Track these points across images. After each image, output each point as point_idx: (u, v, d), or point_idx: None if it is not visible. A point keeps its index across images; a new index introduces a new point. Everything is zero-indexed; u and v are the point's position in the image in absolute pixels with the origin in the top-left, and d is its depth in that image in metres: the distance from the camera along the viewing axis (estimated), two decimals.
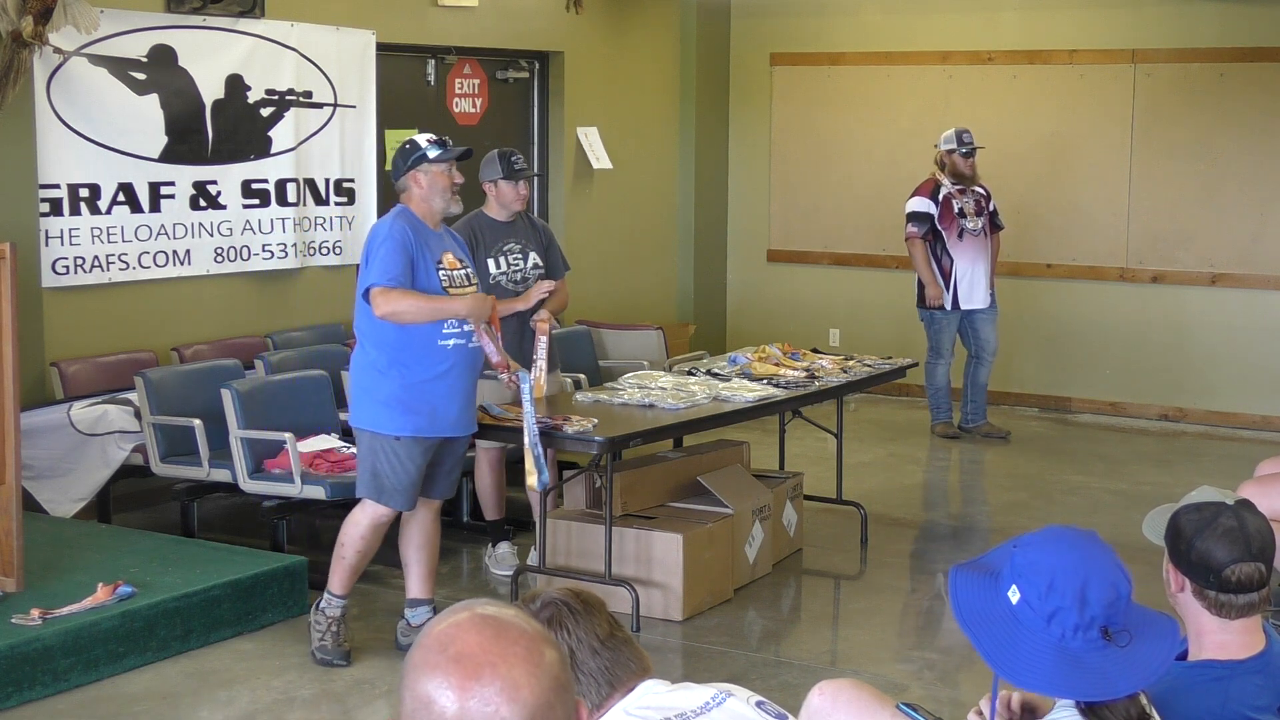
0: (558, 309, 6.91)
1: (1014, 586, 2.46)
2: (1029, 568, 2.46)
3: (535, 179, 6.67)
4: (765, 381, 7.05)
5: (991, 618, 2.46)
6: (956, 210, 9.40)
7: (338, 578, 5.76)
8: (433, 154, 5.66)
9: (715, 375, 7.19)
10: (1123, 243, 10.40)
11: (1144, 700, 2.46)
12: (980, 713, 2.67)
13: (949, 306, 9.49)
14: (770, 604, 6.58)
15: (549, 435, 6.10)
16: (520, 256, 6.80)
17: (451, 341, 5.58)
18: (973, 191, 9.51)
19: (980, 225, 9.46)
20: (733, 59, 11.72)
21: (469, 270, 5.79)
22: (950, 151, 9.45)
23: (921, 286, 9.54)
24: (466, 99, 9.88)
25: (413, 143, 5.73)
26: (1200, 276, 10.27)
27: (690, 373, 7.26)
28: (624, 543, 6.28)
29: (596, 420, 6.21)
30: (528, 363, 6.54)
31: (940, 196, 9.42)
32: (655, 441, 6.67)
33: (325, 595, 5.78)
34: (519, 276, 6.80)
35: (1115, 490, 8.48)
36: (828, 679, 3.07)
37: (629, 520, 6.38)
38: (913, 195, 9.54)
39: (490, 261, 6.73)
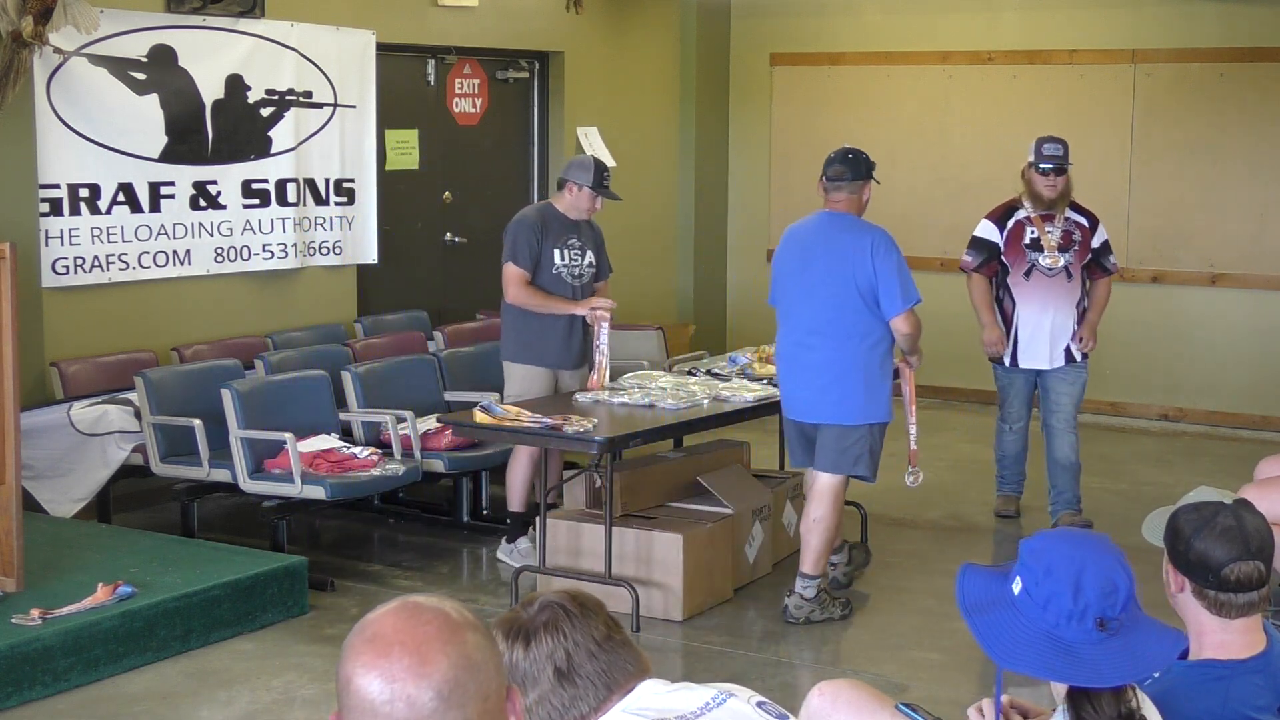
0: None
1: (1017, 578, 2.49)
2: (1030, 556, 2.50)
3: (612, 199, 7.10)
4: (765, 381, 7.05)
5: (992, 605, 2.49)
6: (1027, 241, 7.39)
7: (822, 560, 6.23)
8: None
9: (715, 375, 7.19)
10: (1123, 243, 10.39)
11: (1135, 701, 2.46)
12: (980, 710, 2.67)
13: (1007, 361, 7.56)
14: (770, 604, 6.57)
15: (551, 436, 6.13)
16: (579, 253, 7.09)
17: None
18: (1065, 219, 7.42)
19: (1062, 264, 7.34)
20: (733, 59, 11.71)
21: None
22: (1029, 165, 7.42)
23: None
24: (466, 99, 9.88)
25: (867, 155, 6.33)
26: (1200, 276, 10.27)
27: (690, 373, 7.26)
28: (624, 543, 6.28)
29: (596, 420, 6.22)
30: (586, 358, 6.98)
31: (1011, 222, 7.46)
32: (655, 441, 6.68)
33: (800, 583, 6.21)
34: (578, 271, 7.08)
35: (1115, 490, 8.48)
36: (828, 679, 3.08)
37: (629, 520, 6.38)
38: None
39: (555, 252, 7.00)
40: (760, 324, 11.30)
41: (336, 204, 8.77)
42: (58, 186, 7.38)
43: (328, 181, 8.71)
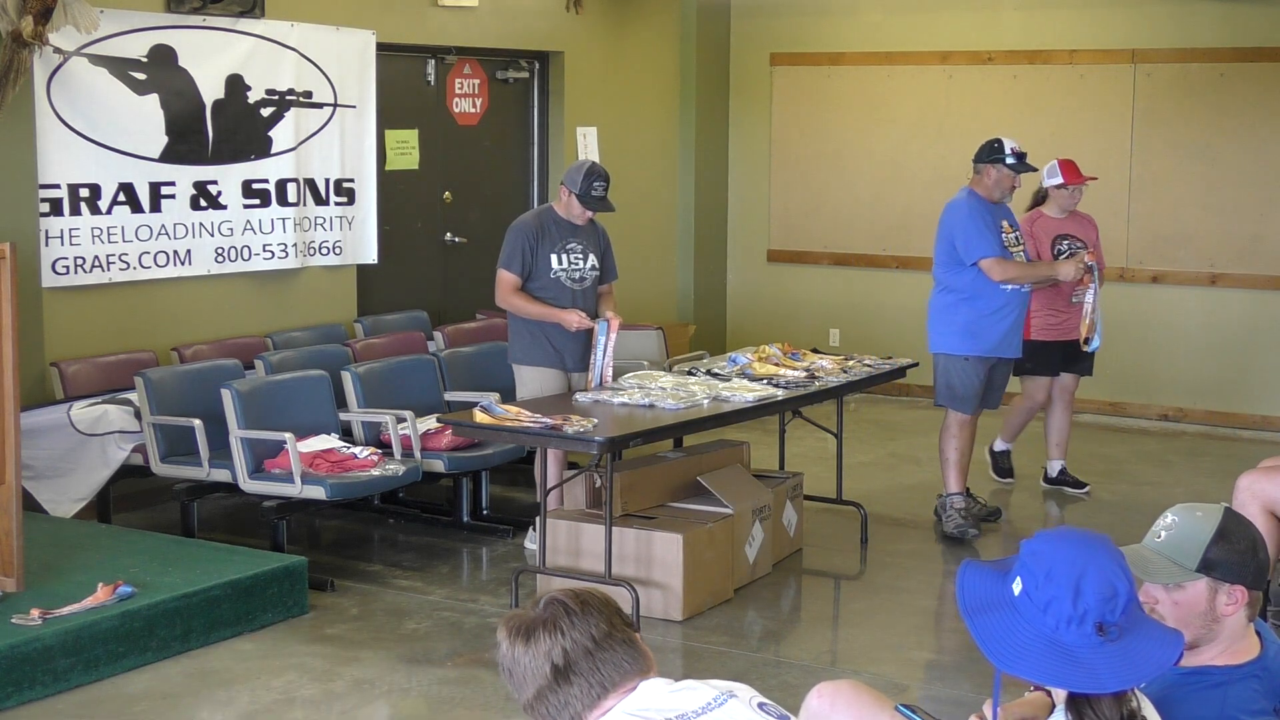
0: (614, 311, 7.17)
1: (1018, 578, 2.48)
2: (1031, 558, 2.49)
3: (609, 210, 7.07)
4: (765, 381, 7.05)
5: (992, 606, 2.48)
6: None
7: (953, 478, 7.42)
8: (1009, 162, 7.24)
9: (715, 375, 7.19)
10: (1123, 243, 10.40)
11: (1135, 703, 2.46)
12: (981, 717, 2.67)
13: None
14: (770, 604, 6.58)
15: (550, 437, 6.13)
16: (580, 257, 7.07)
17: (1009, 288, 7.28)
18: None
19: None
20: (733, 59, 11.72)
21: (1018, 233, 7.47)
22: None
23: None
24: (466, 99, 9.88)
25: (1000, 143, 7.26)
26: (1200, 276, 10.27)
27: (690, 373, 7.27)
28: (624, 543, 6.28)
29: (596, 420, 6.22)
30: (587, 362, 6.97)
31: None
32: (655, 441, 6.67)
33: (947, 498, 7.44)
34: (578, 275, 7.06)
35: (1115, 490, 8.48)
36: (827, 680, 3.08)
37: (629, 520, 6.38)
38: None
39: (553, 256, 7.00)
40: (760, 324, 11.34)
41: (336, 204, 8.77)
42: (58, 186, 7.38)
43: (328, 181, 8.71)
